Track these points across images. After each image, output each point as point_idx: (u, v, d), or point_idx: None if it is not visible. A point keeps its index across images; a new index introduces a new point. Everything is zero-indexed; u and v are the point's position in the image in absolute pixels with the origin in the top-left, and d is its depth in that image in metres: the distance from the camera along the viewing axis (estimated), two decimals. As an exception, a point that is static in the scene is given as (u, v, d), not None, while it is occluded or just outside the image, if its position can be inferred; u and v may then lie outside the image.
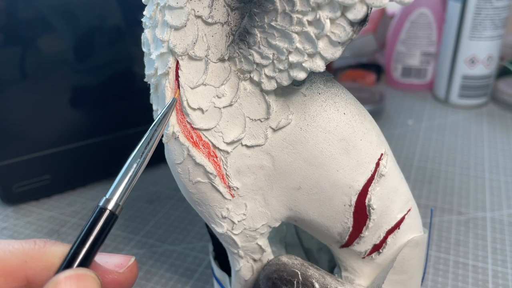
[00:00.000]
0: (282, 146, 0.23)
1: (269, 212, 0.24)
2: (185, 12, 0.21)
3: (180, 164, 0.23)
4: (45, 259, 0.17)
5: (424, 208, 0.45)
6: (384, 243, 0.25)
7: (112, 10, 0.45)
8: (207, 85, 0.22)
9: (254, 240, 0.25)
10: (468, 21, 0.62)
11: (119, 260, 0.19)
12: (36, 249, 0.17)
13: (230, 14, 0.21)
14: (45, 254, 0.17)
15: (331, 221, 0.24)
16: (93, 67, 0.45)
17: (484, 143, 0.58)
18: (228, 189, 0.23)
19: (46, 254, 0.17)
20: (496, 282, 0.36)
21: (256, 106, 0.22)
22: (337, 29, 0.18)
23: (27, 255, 0.17)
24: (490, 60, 0.64)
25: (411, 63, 0.72)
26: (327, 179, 0.23)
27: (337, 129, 0.23)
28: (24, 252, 0.17)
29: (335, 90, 0.23)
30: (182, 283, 0.37)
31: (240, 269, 0.27)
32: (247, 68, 0.21)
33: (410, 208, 0.26)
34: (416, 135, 0.60)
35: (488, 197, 0.47)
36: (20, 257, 0.17)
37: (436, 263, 0.38)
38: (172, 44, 0.21)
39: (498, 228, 0.42)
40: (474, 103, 0.67)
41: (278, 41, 0.20)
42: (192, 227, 0.44)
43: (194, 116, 0.22)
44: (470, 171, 0.51)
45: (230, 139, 0.22)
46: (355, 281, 0.26)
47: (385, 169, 0.24)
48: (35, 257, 0.17)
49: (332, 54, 0.19)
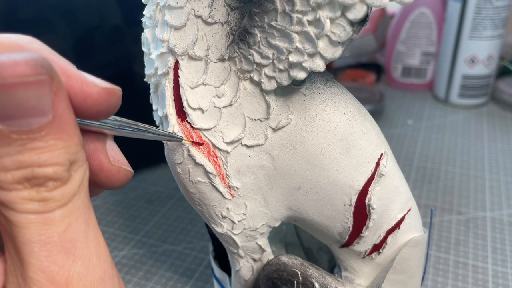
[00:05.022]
0: (282, 146, 0.23)
1: (269, 212, 0.24)
2: (185, 12, 0.21)
3: (180, 164, 0.23)
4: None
5: (424, 208, 0.45)
6: (384, 243, 0.25)
7: (112, 10, 0.45)
8: (207, 85, 0.22)
9: (254, 240, 0.25)
10: (468, 21, 0.62)
11: (98, 80, 0.15)
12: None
13: (230, 14, 0.21)
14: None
15: (331, 221, 0.24)
16: (93, 67, 0.45)
17: (484, 143, 0.58)
18: (228, 189, 0.23)
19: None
20: (496, 282, 0.36)
21: (256, 106, 0.22)
22: (337, 29, 0.18)
23: None
24: (490, 60, 0.64)
25: (411, 63, 0.72)
26: (327, 179, 0.23)
27: (337, 129, 0.22)
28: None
29: (335, 90, 0.23)
30: (182, 283, 0.37)
31: (240, 269, 0.27)
32: (247, 68, 0.21)
33: (410, 208, 0.26)
34: (416, 135, 0.60)
35: (488, 197, 0.47)
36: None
37: (436, 263, 0.38)
38: (172, 43, 0.21)
39: (498, 228, 0.42)
40: (474, 103, 0.67)
41: (278, 41, 0.20)
42: (192, 227, 0.44)
43: (194, 116, 0.22)
44: (470, 171, 0.51)
45: (230, 139, 0.22)
46: (355, 281, 0.26)
47: (385, 169, 0.24)
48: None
49: (332, 54, 0.19)
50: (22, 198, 0.13)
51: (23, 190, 0.13)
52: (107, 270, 0.15)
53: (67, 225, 0.14)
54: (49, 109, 0.13)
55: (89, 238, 0.14)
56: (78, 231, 0.14)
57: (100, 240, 0.15)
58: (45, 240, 0.13)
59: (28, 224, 0.13)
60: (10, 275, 0.14)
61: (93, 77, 0.15)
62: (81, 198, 0.14)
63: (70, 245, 0.14)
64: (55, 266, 0.13)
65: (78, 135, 0.14)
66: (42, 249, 0.13)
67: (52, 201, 0.13)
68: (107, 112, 0.16)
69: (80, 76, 0.15)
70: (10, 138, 0.12)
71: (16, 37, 0.14)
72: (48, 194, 0.13)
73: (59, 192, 0.14)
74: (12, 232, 0.13)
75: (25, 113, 0.12)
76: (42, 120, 0.13)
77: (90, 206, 0.15)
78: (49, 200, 0.13)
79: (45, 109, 0.13)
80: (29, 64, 0.12)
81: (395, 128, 0.62)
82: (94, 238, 0.15)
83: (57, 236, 0.14)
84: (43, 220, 0.13)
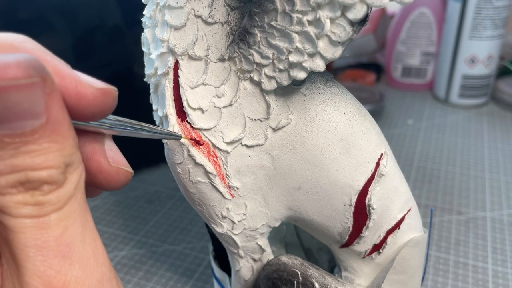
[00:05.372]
0: (282, 146, 0.23)
1: (269, 212, 0.24)
2: (185, 11, 0.21)
3: (180, 164, 0.23)
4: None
5: (424, 208, 0.45)
6: (384, 243, 0.25)
7: (112, 10, 0.45)
8: (207, 85, 0.22)
9: (254, 240, 0.25)
10: (468, 21, 0.62)
11: (93, 80, 0.15)
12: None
13: (230, 14, 0.21)
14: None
15: (331, 221, 0.24)
16: (93, 67, 0.45)
17: (484, 143, 0.57)
18: (228, 189, 0.23)
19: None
20: (496, 282, 0.36)
21: (256, 106, 0.22)
22: (337, 28, 0.18)
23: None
24: (490, 60, 0.64)
25: (411, 63, 0.72)
26: (327, 179, 0.23)
27: (337, 128, 0.22)
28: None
29: (335, 90, 0.23)
30: (182, 283, 0.37)
31: (240, 269, 0.27)
32: (247, 68, 0.21)
33: (410, 208, 0.26)
34: (416, 135, 0.60)
35: (488, 197, 0.47)
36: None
37: (436, 263, 0.38)
38: (172, 43, 0.21)
39: (498, 228, 0.42)
40: (474, 103, 0.67)
41: (278, 41, 0.20)
42: (192, 227, 0.44)
43: (194, 116, 0.22)
44: (470, 171, 0.51)
45: (230, 139, 0.22)
46: (355, 281, 0.26)
47: (385, 169, 0.24)
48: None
49: (332, 54, 0.19)
50: (16, 203, 0.13)
51: (18, 194, 0.13)
52: (105, 272, 0.15)
53: (63, 229, 0.14)
54: (42, 111, 0.12)
55: (86, 241, 0.14)
56: (75, 235, 0.14)
57: (98, 243, 0.15)
58: (41, 244, 0.13)
59: (23, 228, 0.13)
60: (6, 280, 0.14)
61: (88, 77, 0.15)
62: (78, 201, 0.14)
63: (66, 249, 0.14)
64: (51, 271, 0.13)
65: (73, 136, 0.14)
66: (38, 253, 0.13)
67: (47, 205, 0.13)
68: (102, 113, 0.15)
69: (74, 77, 0.14)
70: (3, 142, 0.12)
71: (8, 36, 0.14)
72: (43, 197, 0.13)
73: (55, 195, 0.13)
74: (8, 237, 0.13)
75: (17, 116, 0.12)
76: (35, 122, 0.12)
77: (87, 208, 0.15)
78: (44, 204, 0.13)
79: (38, 111, 0.12)
80: (21, 66, 0.12)
81: (395, 128, 0.62)
82: (92, 241, 0.14)
83: (53, 240, 0.13)
84: (39, 224, 0.13)
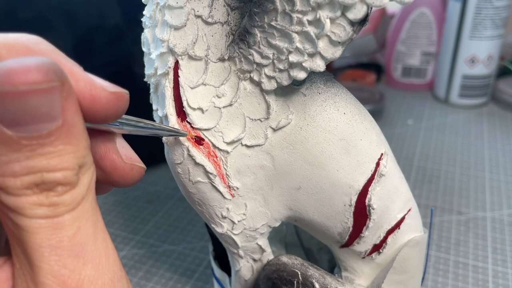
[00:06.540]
0: (282, 146, 0.23)
1: (269, 212, 0.24)
2: (185, 11, 0.21)
3: (180, 164, 0.23)
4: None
5: (424, 208, 0.45)
6: (384, 243, 0.25)
7: (112, 10, 0.45)
8: (207, 85, 0.22)
9: (254, 240, 0.25)
10: (468, 21, 0.62)
11: (106, 83, 0.15)
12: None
13: (230, 14, 0.21)
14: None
15: (331, 221, 0.24)
16: (93, 67, 0.45)
17: (484, 143, 0.57)
18: (228, 189, 0.23)
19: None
20: (496, 282, 0.36)
21: (256, 106, 0.22)
22: (337, 28, 0.18)
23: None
24: (490, 60, 0.64)
25: (411, 63, 0.72)
26: (327, 179, 0.23)
27: (337, 128, 0.22)
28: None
29: (335, 90, 0.23)
30: (182, 283, 0.37)
31: (240, 269, 0.27)
32: (247, 68, 0.21)
33: (410, 208, 0.26)
34: (416, 135, 0.60)
35: (488, 197, 0.47)
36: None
37: (436, 263, 0.38)
38: (172, 43, 0.21)
39: (498, 228, 0.42)
40: (474, 103, 0.67)
41: (278, 41, 0.20)
42: (192, 227, 0.44)
43: (194, 116, 0.22)
44: (470, 171, 0.51)
45: (230, 139, 0.22)
46: (355, 281, 0.26)
47: (385, 169, 0.24)
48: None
49: (332, 54, 0.19)
50: (31, 204, 0.13)
51: (32, 195, 0.13)
52: (116, 271, 0.15)
53: (77, 229, 0.14)
54: (58, 114, 0.13)
55: (98, 241, 0.14)
56: (88, 234, 0.14)
57: (108, 242, 0.15)
58: (55, 244, 0.13)
59: (38, 229, 0.13)
60: (19, 279, 0.14)
61: (101, 80, 0.15)
62: (89, 201, 0.14)
63: (80, 248, 0.14)
64: (66, 270, 0.13)
65: (86, 138, 0.14)
66: (52, 253, 0.13)
67: (61, 206, 0.13)
68: (114, 116, 0.16)
69: (89, 80, 0.14)
70: (20, 144, 0.12)
71: (22, 38, 0.14)
72: (58, 198, 0.13)
73: (69, 196, 0.14)
74: (22, 237, 0.13)
75: (35, 119, 0.12)
76: (51, 125, 0.13)
77: (97, 208, 0.15)
78: (59, 205, 0.13)
79: (55, 114, 0.13)
80: (41, 71, 0.12)
81: (395, 128, 0.62)
82: (103, 240, 0.15)
83: (67, 240, 0.14)
84: (53, 225, 0.13)
